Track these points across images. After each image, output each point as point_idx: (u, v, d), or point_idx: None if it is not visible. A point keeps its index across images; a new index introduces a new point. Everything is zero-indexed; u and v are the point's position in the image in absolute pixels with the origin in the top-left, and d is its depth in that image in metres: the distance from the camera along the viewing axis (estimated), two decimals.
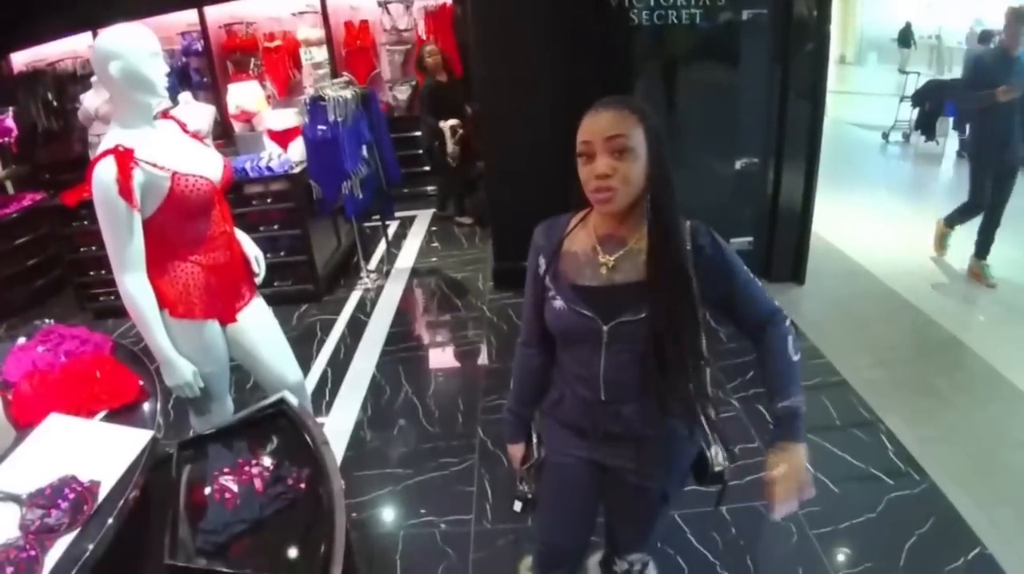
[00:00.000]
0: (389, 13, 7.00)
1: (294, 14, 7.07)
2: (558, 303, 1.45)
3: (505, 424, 1.73)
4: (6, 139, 5.51)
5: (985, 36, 8.76)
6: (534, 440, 1.69)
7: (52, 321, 2.27)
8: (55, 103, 7.64)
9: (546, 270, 1.49)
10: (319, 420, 3.15)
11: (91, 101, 5.29)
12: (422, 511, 2.72)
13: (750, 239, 4.46)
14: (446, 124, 5.67)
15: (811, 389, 3.31)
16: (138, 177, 1.83)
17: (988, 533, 2.38)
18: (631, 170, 1.29)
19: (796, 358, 1.42)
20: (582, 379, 1.47)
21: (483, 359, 3.93)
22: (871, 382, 3.33)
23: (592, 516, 1.70)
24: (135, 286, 1.92)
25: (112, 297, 4.68)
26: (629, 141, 1.28)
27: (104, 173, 1.80)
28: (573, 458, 1.58)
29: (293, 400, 1.95)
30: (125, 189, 1.79)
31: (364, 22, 7.08)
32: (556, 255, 1.47)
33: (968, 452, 2.84)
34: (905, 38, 17.15)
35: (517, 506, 1.71)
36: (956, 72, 10.49)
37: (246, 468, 1.67)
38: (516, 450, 1.71)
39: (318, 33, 6.99)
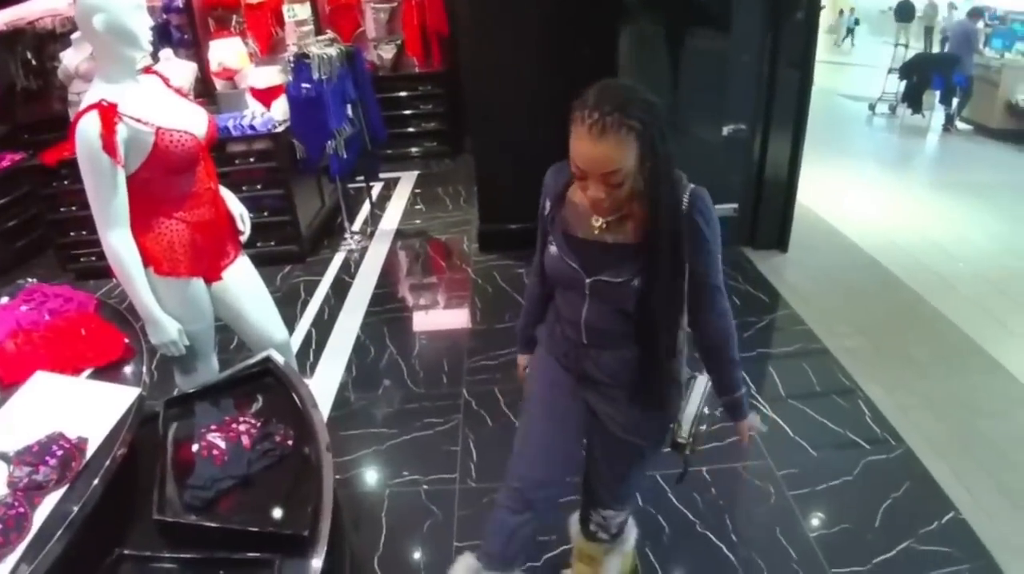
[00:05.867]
0: None
1: None
2: (552, 249, 1.51)
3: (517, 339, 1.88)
4: None
5: (975, 12, 8.77)
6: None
7: (35, 280, 2.24)
8: (34, 62, 7.41)
9: (549, 213, 1.55)
10: (304, 380, 3.16)
11: (71, 59, 5.17)
12: (407, 470, 2.75)
13: (735, 206, 4.45)
14: None
15: (792, 356, 3.38)
16: (122, 132, 1.80)
17: (962, 498, 2.45)
18: (621, 193, 1.31)
19: (738, 358, 1.56)
20: (568, 321, 1.56)
21: (468, 321, 3.94)
22: (851, 350, 3.38)
23: (572, 451, 1.68)
24: (119, 242, 1.90)
25: (94, 258, 4.64)
26: (622, 171, 1.27)
27: (88, 128, 1.76)
28: (559, 388, 1.64)
29: (279, 358, 1.95)
30: (109, 144, 1.76)
31: None
32: (559, 201, 1.52)
33: (944, 420, 2.90)
34: (905, 11, 17.06)
35: None
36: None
37: (233, 425, 1.67)
38: (522, 360, 1.89)
39: None
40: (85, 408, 1.54)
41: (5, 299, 2.10)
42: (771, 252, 4.51)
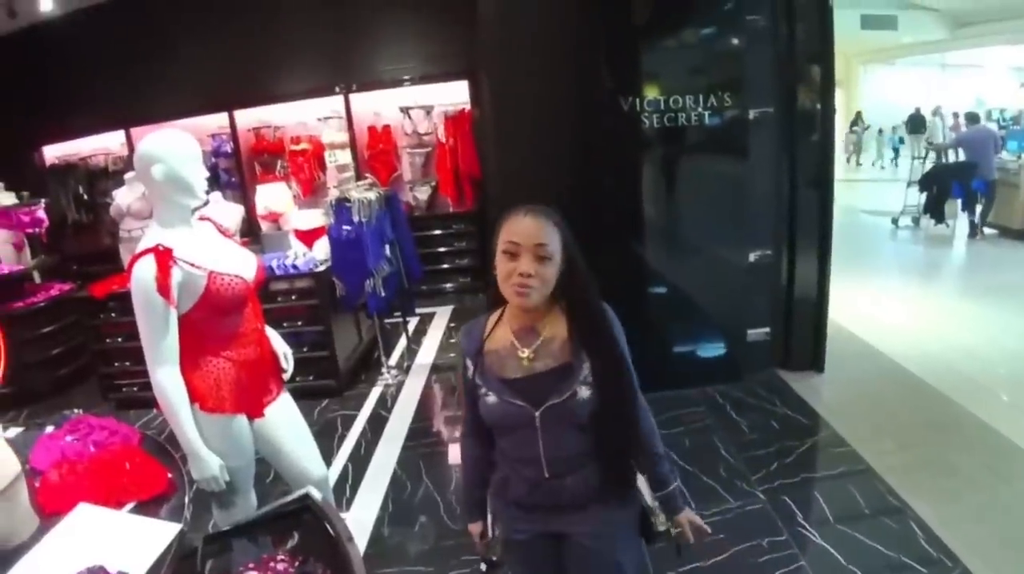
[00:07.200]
0: (410, 118, 7.31)
1: (320, 119, 7.40)
2: (491, 398, 1.57)
3: (461, 507, 1.82)
4: (37, 230, 5.67)
5: (972, 117, 9.01)
6: (489, 518, 1.81)
7: (80, 411, 2.32)
8: (86, 196, 7.96)
9: (474, 371, 1.62)
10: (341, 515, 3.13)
11: (123, 197, 5.53)
12: None
13: (767, 330, 4.46)
14: None
15: (836, 478, 3.27)
16: (176, 275, 1.93)
17: None
18: (548, 273, 1.48)
19: (663, 451, 1.66)
20: (524, 461, 1.59)
21: None
22: (896, 467, 3.27)
23: None
24: (168, 380, 1.98)
25: (135, 388, 4.75)
26: (550, 248, 1.47)
27: (144, 271, 1.89)
28: (527, 534, 1.69)
29: (318, 495, 1.96)
30: (163, 286, 1.88)
31: (386, 127, 7.41)
32: (480, 355, 1.62)
33: (997, 531, 2.79)
34: (915, 124, 17.22)
35: (483, 567, 1.81)
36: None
37: (271, 563, 1.67)
38: (474, 528, 1.84)
39: (342, 137, 7.29)
40: (126, 542, 1.57)
41: (51, 429, 2.17)
42: (807, 373, 4.44)
